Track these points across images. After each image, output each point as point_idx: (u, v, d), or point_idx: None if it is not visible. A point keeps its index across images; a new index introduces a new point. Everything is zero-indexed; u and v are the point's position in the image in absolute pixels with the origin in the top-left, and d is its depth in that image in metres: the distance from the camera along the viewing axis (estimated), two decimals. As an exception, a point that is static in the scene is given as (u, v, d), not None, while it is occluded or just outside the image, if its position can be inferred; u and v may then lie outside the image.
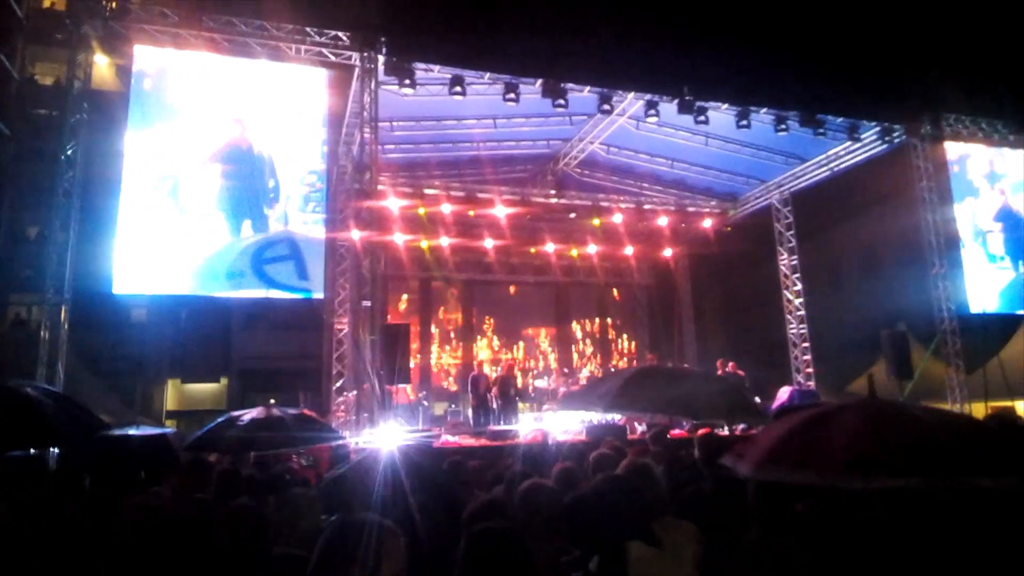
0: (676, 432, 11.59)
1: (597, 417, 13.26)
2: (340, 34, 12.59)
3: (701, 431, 11.62)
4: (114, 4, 11.50)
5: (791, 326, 18.74)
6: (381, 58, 12.61)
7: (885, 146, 16.12)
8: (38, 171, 16.71)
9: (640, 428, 13.08)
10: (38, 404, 4.96)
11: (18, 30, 16.06)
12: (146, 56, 12.07)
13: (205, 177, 12.18)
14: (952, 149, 16.80)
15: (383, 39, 12.59)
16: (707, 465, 4.99)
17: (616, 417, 13.00)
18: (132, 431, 7.16)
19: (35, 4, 21.29)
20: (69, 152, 11.43)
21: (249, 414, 6.89)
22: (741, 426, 12.05)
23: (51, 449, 9.39)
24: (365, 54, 12.60)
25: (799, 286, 18.79)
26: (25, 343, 13.86)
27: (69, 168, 11.40)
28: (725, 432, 11.70)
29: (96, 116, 12.26)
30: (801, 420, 2.64)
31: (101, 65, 13.15)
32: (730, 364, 16.07)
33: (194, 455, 6.17)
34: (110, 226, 11.39)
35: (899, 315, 17.03)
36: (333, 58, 12.68)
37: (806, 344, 18.37)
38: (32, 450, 9.44)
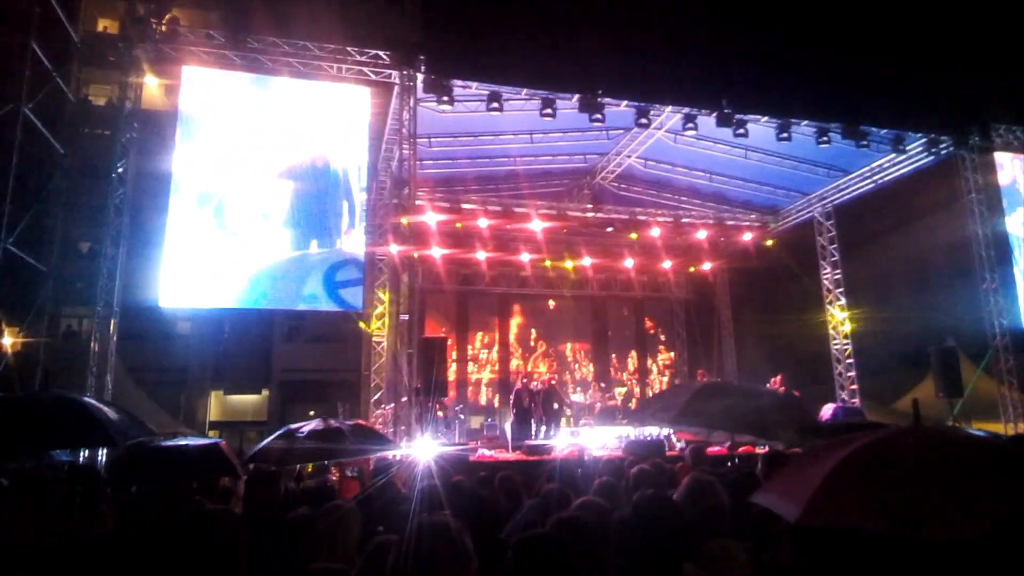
0: (714, 449, 11.38)
1: (634, 433, 13.11)
2: (380, 53, 12.83)
3: (744, 448, 11.42)
4: (164, 27, 11.93)
5: (834, 341, 18.32)
6: (420, 76, 12.80)
7: (931, 158, 15.73)
8: (91, 188, 17.28)
9: (679, 445, 12.88)
10: (93, 409, 5.16)
11: (74, 53, 16.69)
12: (196, 77, 12.43)
13: (271, 193, 12.38)
14: (1003, 159, 16.29)
15: (422, 57, 12.78)
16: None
17: (653, 433, 12.84)
18: (183, 441, 7.31)
19: (89, 28, 22.13)
20: (120, 170, 11.83)
21: (308, 426, 6.94)
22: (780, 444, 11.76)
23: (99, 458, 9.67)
24: (404, 72, 12.80)
25: (843, 300, 18.38)
26: (75, 354, 14.28)
27: (120, 186, 11.80)
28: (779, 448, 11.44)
29: (146, 135, 12.68)
30: (822, 447, 2.53)
31: (151, 86, 13.60)
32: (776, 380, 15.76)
33: (256, 467, 6.25)
34: (158, 241, 11.73)
35: (948, 331, 16.53)
36: (373, 76, 12.91)
37: (850, 360, 17.93)
38: (82, 456, 9.73)
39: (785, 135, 14.37)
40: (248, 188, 12.30)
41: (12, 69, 13.43)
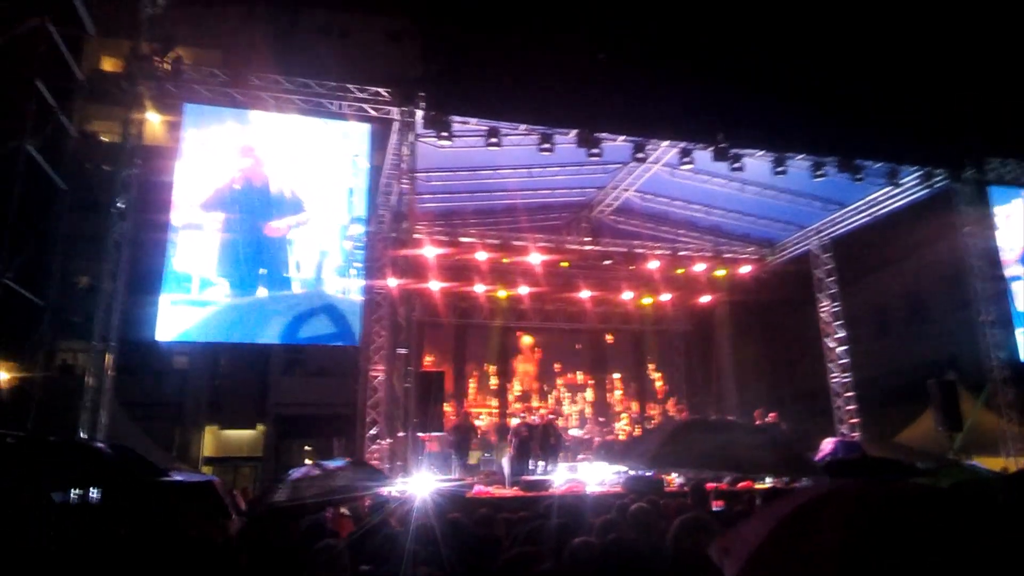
0: (713, 484, 11.26)
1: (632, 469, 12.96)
2: (380, 90, 12.99)
3: (742, 484, 11.30)
4: (167, 65, 12.09)
5: (833, 375, 18.23)
6: (419, 112, 12.94)
7: (927, 191, 15.84)
8: (91, 223, 17.38)
9: (678, 481, 12.74)
10: (102, 453, 5.27)
11: (78, 90, 16.95)
12: (197, 113, 12.55)
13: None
14: (999, 192, 16.40)
15: (421, 94, 12.94)
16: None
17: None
18: (178, 477, 7.26)
19: (94, 65, 22.49)
20: (121, 205, 11.88)
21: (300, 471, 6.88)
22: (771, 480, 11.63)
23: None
24: (404, 108, 12.95)
25: (841, 333, 18.33)
26: (70, 389, 14.19)
27: (120, 221, 11.83)
28: (768, 483, 11.32)
29: (147, 170, 12.77)
30: (787, 514, 2.35)
31: (153, 122, 13.74)
32: (771, 415, 15.68)
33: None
34: (157, 276, 11.74)
35: (948, 363, 16.48)
36: (373, 112, 13.06)
37: (850, 393, 17.82)
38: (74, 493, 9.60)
39: (781, 169, 14.47)
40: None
41: (16, 107, 13.61)
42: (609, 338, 22.20)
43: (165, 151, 14.03)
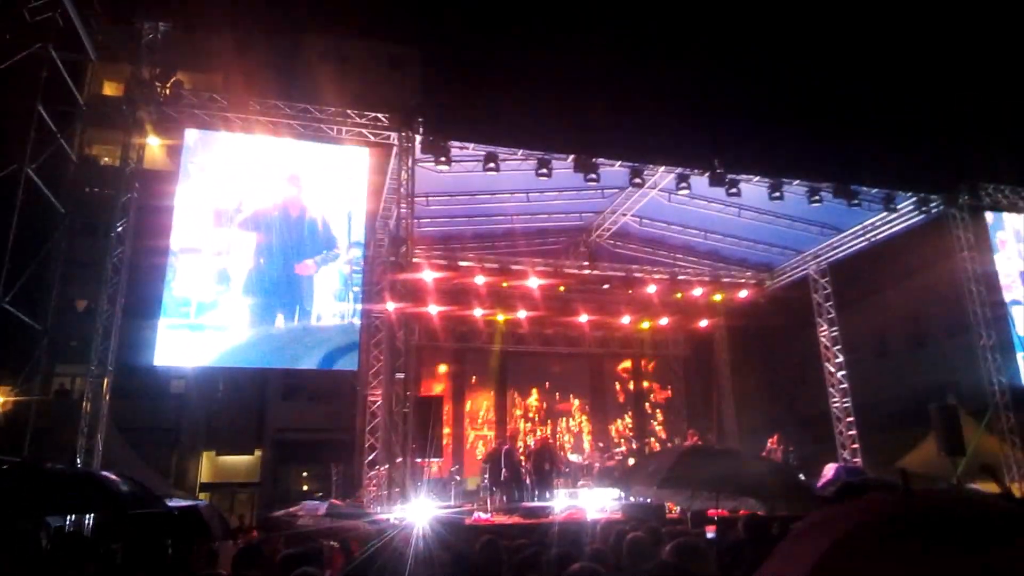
0: (716, 511, 11.15)
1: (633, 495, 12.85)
2: (380, 115, 13.09)
3: (742, 511, 11.17)
4: (168, 90, 12.18)
5: (834, 399, 18.15)
6: (418, 137, 13.02)
7: (922, 216, 15.92)
8: (89, 246, 17.40)
9: (678, 508, 12.62)
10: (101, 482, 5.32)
11: (79, 115, 17.05)
12: (198, 137, 12.60)
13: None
14: (994, 217, 16.46)
15: (420, 119, 13.04)
16: (753, 546, 4.81)
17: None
18: (173, 503, 7.23)
19: (95, 90, 22.68)
20: (120, 229, 11.89)
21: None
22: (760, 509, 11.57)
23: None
24: (403, 134, 13.03)
25: (841, 358, 18.28)
26: (67, 413, 14.10)
27: (119, 244, 11.82)
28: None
29: (146, 194, 12.80)
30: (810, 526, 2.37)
31: (153, 146, 13.80)
32: (771, 439, 15.65)
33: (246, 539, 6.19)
34: (156, 300, 11.71)
35: (949, 387, 16.40)
36: (373, 138, 13.14)
37: (851, 418, 17.72)
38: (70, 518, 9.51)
39: (777, 194, 14.56)
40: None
41: (17, 131, 13.67)
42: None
43: (165, 175, 14.08)
